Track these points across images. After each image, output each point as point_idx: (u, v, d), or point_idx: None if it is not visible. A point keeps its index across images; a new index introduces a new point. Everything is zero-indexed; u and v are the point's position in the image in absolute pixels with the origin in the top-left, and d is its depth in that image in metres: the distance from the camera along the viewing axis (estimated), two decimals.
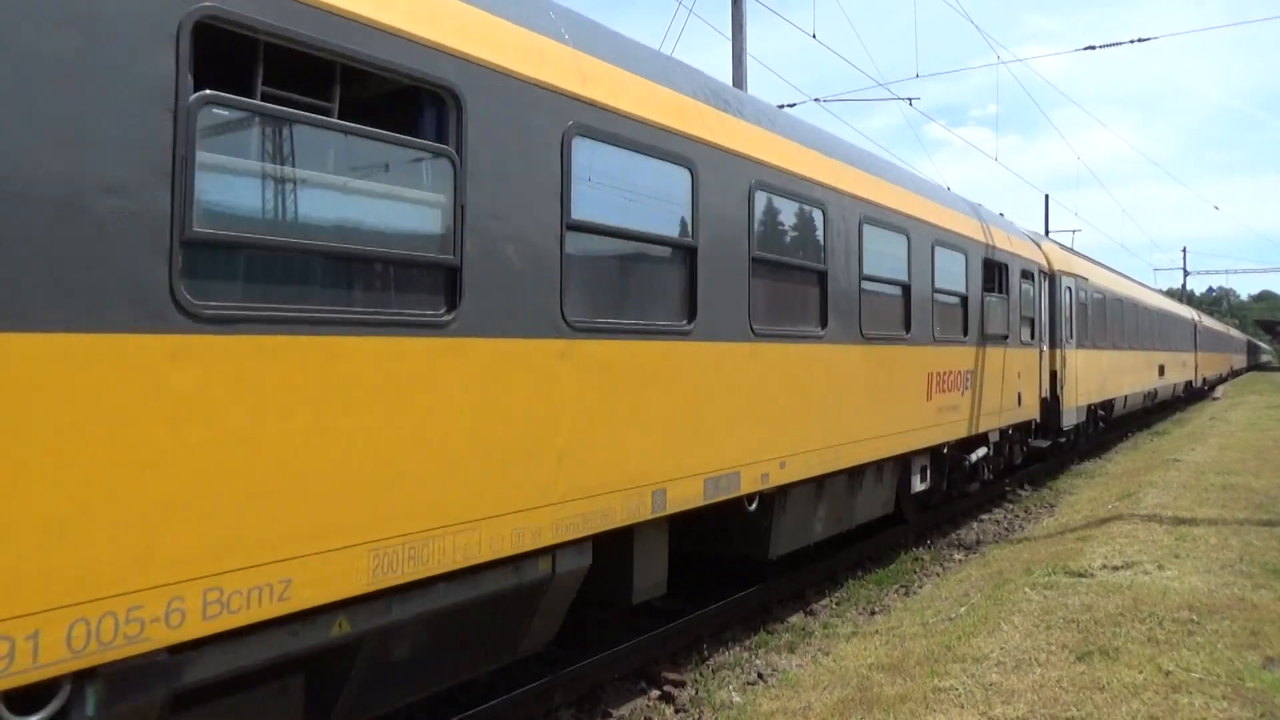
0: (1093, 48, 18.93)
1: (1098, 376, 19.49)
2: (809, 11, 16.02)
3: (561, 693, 6.29)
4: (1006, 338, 12.94)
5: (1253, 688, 5.31)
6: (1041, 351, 15.13)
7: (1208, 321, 53.73)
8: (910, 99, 18.89)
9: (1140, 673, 5.57)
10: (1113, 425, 23.62)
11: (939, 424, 10.47)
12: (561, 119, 5.13)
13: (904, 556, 10.96)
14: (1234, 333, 79.08)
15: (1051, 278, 16.23)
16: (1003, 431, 13.44)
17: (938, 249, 10.53)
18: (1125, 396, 23.27)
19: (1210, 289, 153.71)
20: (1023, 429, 14.74)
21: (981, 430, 12.12)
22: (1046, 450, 16.98)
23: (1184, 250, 76.59)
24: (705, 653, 7.46)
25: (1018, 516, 13.98)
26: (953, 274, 11.17)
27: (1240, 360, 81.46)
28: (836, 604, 9.07)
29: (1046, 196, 39.07)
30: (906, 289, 9.70)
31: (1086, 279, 18.93)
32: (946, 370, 10.62)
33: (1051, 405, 15.95)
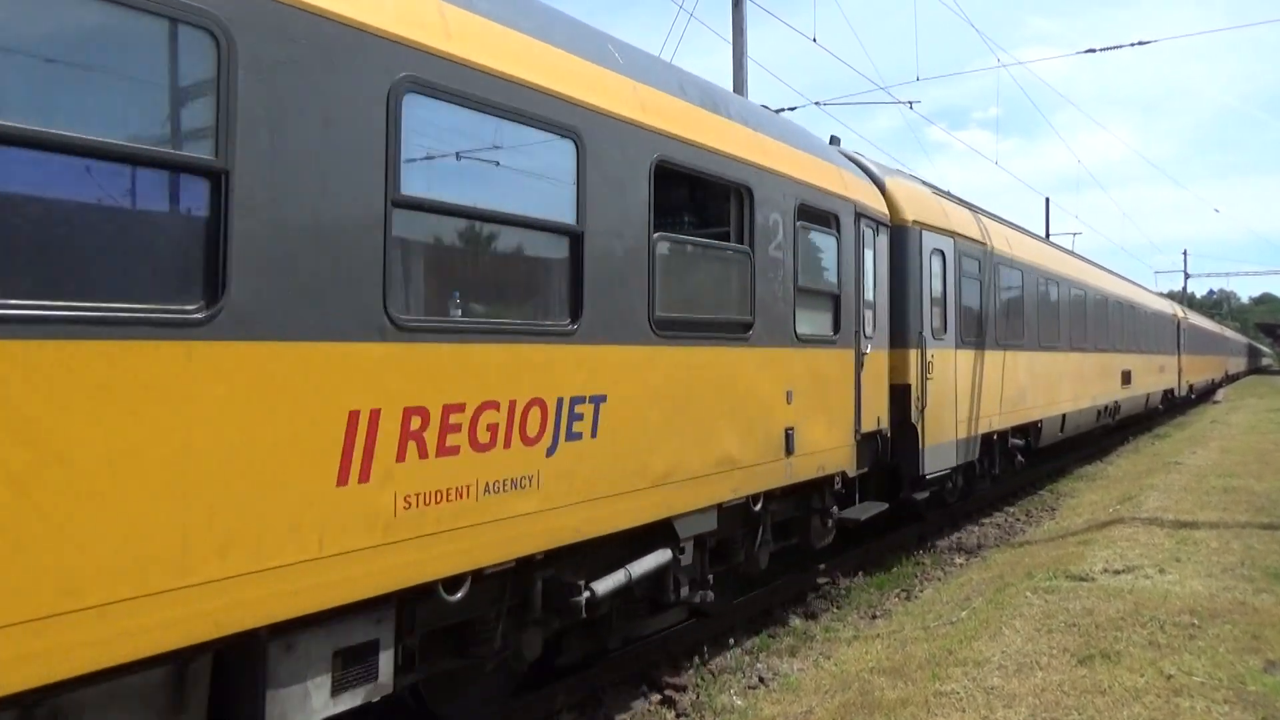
0: (1093, 50, 18.94)
1: (1006, 389, 13.34)
2: (809, 15, 16.09)
3: (563, 697, 6.30)
4: (748, 329, 6.91)
5: (1254, 691, 5.31)
6: (861, 354, 8.74)
7: (1195, 318, 45.88)
8: (911, 102, 18.87)
9: (1142, 676, 5.57)
10: (1045, 455, 17.33)
11: (414, 536, 4.34)
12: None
13: (905, 560, 10.95)
14: (1229, 333, 71.56)
15: (896, 233, 10.18)
16: (740, 508, 7.08)
17: (429, 103, 4.52)
18: (1063, 415, 16.73)
19: (1211, 291, 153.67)
20: (818, 490, 8.42)
21: (651, 519, 5.93)
22: (904, 511, 11.09)
23: (1184, 253, 76.87)
24: (706, 657, 7.46)
25: (1018, 520, 13.98)
26: (519, 183, 5.21)
27: (1238, 364, 76.28)
28: (838, 608, 9.07)
29: (1047, 200, 39.17)
30: (220, 173, 3.62)
31: (983, 245, 12.75)
32: (462, 402, 4.59)
33: (904, 441, 10.04)
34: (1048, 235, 34.96)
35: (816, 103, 19.33)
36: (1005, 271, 13.84)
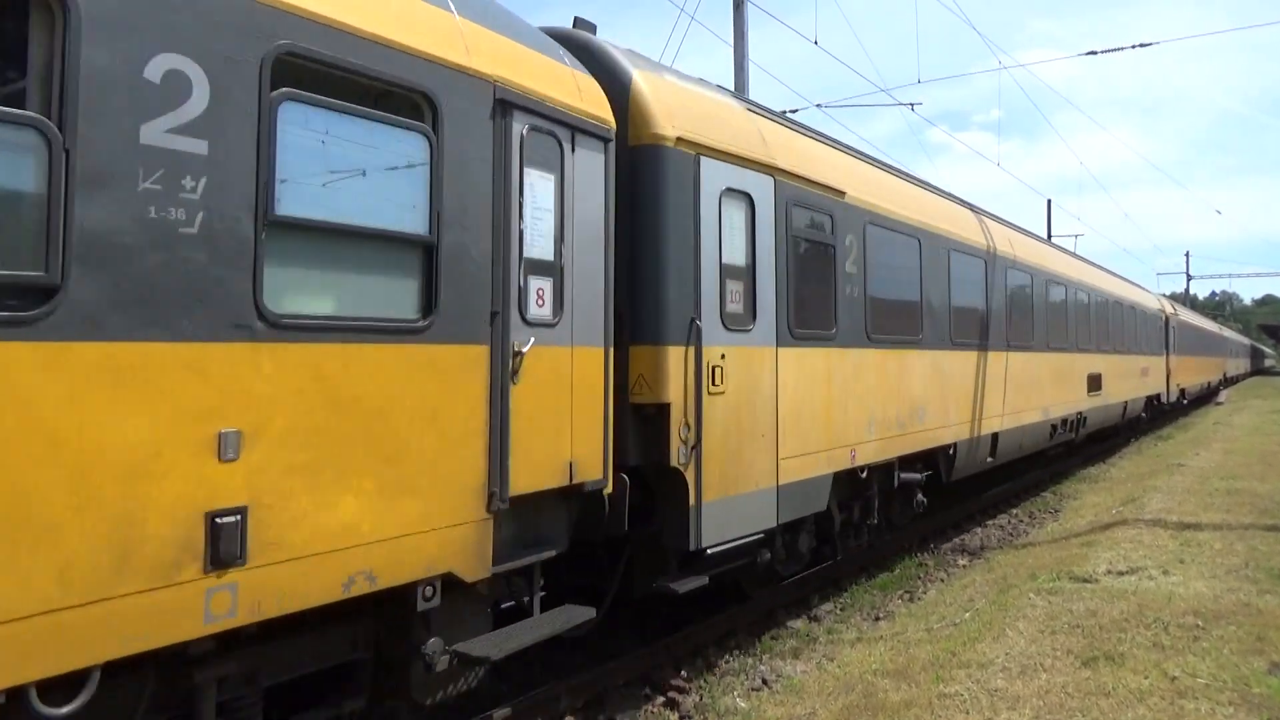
0: (1094, 53, 18.97)
1: (889, 403, 9.45)
2: (811, 18, 16.08)
3: (566, 699, 6.29)
4: (46, 303, 3.19)
5: (1259, 693, 5.30)
6: (509, 352, 5.11)
7: (1188, 315, 40.39)
8: (912, 104, 18.88)
9: (1146, 678, 5.56)
10: (977, 485, 13.99)
11: None
12: None
13: (908, 562, 10.94)
14: (1229, 332, 66.02)
15: (641, 157, 6.49)
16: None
17: None
18: (994, 434, 12.62)
19: (1214, 293, 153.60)
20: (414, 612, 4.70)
21: None
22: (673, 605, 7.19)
23: (1187, 255, 76.76)
24: (710, 659, 7.46)
25: (1022, 521, 13.97)
26: None
27: (1239, 365, 71.84)
28: (841, 609, 9.06)
29: (1049, 201, 39.17)
30: None
31: (839, 195, 8.71)
32: None
33: (666, 497, 6.48)
34: (1049, 237, 34.85)
35: (818, 105, 19.36)
36: (886, 238, 9.67)
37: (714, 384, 6.74)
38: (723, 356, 6.85)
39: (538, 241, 5.37)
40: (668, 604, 7.51)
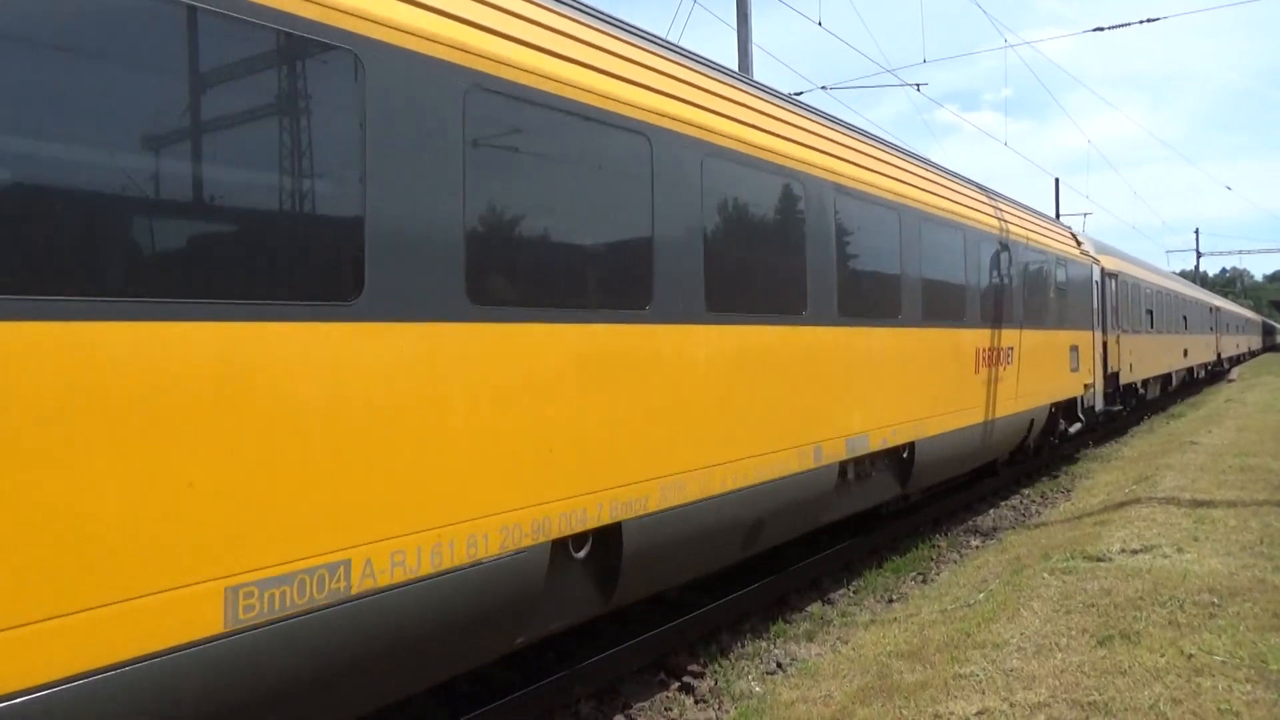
0: (1101, 29, 18.80)
1: None
2: None
3: (580, 685, 6.30)
4: None
5: (1276, 669, 5.27)
6: None
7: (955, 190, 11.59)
8: (918, 85, 18.72)
9: (1162, 656, 5.54)
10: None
11: None
12: None
13: (920, 544, 10.93)
14: (1162, 277, 32.76)
15: None
16: None
17: None
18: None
19: (1224, 270, 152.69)
20: None
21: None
22: None
23: (1196, 232, 76.06)
24: (724, 643, 7.47)
25: (1034, 502, 13.93)
26: None
27: (1221, 344, 50.19)
28: (854, 592, 9.06)
29: (1056, 180, 38.92)
30: None
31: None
32: None
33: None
34: (1058, 216, 34.61)
35: (823, 87, 19.24)
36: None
37: None
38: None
39: None
40: (684, 590, 7.52)
